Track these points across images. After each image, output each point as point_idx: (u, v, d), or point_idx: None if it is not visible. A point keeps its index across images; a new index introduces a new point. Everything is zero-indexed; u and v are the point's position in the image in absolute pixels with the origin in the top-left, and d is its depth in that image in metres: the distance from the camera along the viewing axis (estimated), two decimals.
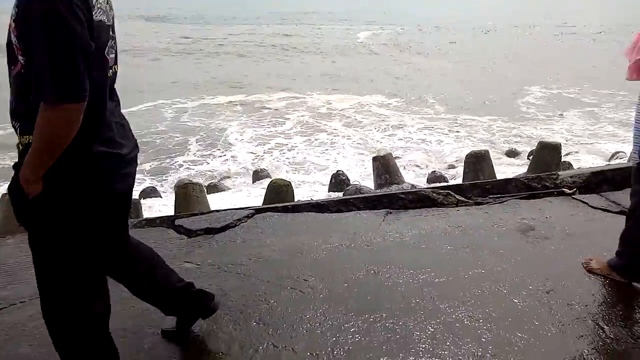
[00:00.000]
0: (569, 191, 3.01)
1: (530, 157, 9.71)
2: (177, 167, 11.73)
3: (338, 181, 9.09)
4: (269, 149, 12.83)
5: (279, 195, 8.08)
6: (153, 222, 2.78)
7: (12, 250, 2.47)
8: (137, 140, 1.45)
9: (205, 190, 9.22)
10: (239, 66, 21.69)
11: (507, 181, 3.16)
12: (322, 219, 2.72)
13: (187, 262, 2.30)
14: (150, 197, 7.97)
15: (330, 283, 2.08)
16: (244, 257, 2.33)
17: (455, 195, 2.99)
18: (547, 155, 9.63)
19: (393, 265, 2.21)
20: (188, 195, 8.46)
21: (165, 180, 10.54)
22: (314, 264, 2.24)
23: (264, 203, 8.05)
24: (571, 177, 3.17)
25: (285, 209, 2.88)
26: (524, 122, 14.33)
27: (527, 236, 2.45)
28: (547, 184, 3.10)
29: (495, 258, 2.24)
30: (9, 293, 2.09)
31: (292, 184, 7.00)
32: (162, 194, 8.46)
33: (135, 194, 8.13)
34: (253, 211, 2.82)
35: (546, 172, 9.96)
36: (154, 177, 10.10)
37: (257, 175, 10.29)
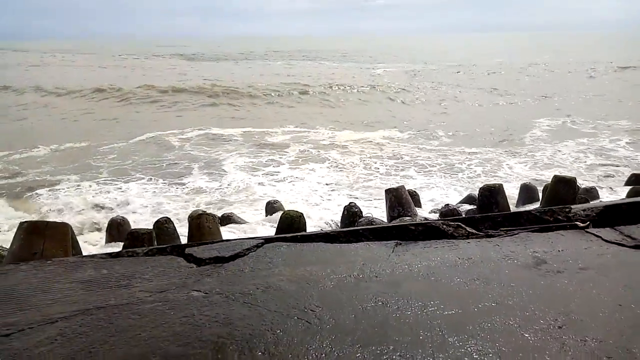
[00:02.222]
0: (582, 225, 2.97)
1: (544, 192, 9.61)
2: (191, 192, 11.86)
3: (350, 213, 9.09)
4: (276, 180, 12.97)
5: (292, 225, 8.11)
6: (164, 251, 2.80)
7: (24, 277, 2.50)
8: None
9: (219, 221, 9.28)
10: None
11: (518, 214, 3.13)
12: (331, 249, 2.72)
13: (195, 290, 2.31)
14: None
15: (337, 314, 2.06)
16: (252, 286, 2.33)
17: (466, 228, 2.97)
18: (562, 190, 9.52)
19: (401, 296, 2.19)
20: (201, 226, 8.52)
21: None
22: (322, 295, 2.23)
23: (276, 233, 8.07)
24: (584, 210, 3.13)
25: (295, 239, 2.88)
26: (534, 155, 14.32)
27: (538, 269, 2.41)
28: (560, 217, 3.07)
29: (506, 291, 2.20)
30: (18, 319, 2.10)
31: (304, 215, 7.02)
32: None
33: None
34: (262, 241, 2.83)
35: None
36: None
37: (270, 206, 10.34)
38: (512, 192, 9.71)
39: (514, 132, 17.53)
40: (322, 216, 10.46)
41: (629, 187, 9.26)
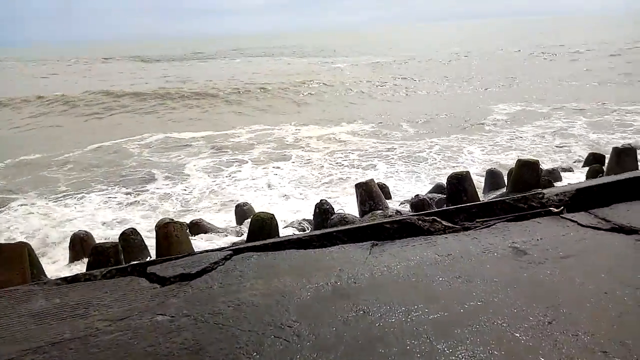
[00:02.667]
0: (556, 210, 2.93)
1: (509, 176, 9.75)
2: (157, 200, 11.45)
3: (322, 210, 8.96)
4: (241, 181, 12.70)
5: (263, 228, 7.90)
6: (124, 271, 2.58)
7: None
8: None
9: (187, 229, 8.96)
10: None
11: (492, 204, 3.07)
12: (305, 256, 2.57)
13: (160, 314, 2.11)
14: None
15: (317, 328, 1.92)
16: (223, 304, 2.15)
17: (442, 222, 2.89)
18: (526, 173, 9.68)
19: (383, 303, 2.06)
20: (169, 235, 8.19)
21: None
22: (299, 308, 2.08)
23: (248, 237, 7.85)
24: (557, 195, 3.10)
25: (266, 247, 2.72)
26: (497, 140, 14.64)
27: (520, 261, 2.34)
28: (534, 203, 3.02)
29: (490, 288, 2.11)
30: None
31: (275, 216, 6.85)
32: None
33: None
34: (231, 252, 2.65)
35: (526, 191, 9.99)
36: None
37: (240, 210, 10.07)
38: (477, 179, 9.81)
39: (474, 118, 17.86)
40: (293, 216, 10.30)
41: (587, 167, 9.52)
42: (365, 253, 2.53)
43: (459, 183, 9.48)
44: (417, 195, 10.31)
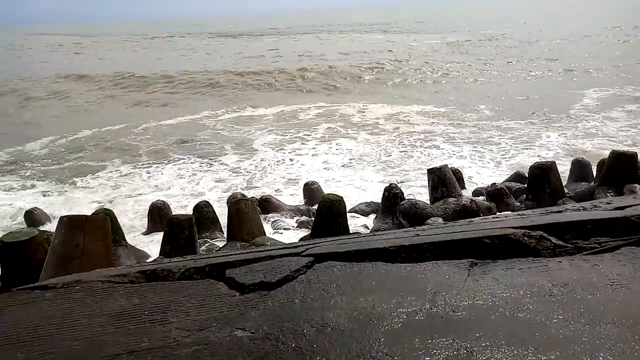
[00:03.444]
0: None
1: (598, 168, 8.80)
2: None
3: (391, 195, 8.65)
4: (308, 158, 12.75)
5: (331, 209, 7.76)
6: (202, 271, 2.49)
7: (47, 308, 2.23)
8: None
9: (257, 204, 9.03)
10: None
11: (613, 221, 2.63)
12: (393, 271, 2.32)
13: (239, 328, 1.97)
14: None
15: None
16: (305, 323, 1.97)
17: (551, 239, 2.51)
18: (620, 167, 8.71)
19: (487, 340, 1.78)
20: (240, 212, 8.30)
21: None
22: (390, 337, 1.85)
23: (316, 219, 7.76)
24: None
25: (349, 256, 2.50)
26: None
27: None
28: None
29: (625, 336, 1.75)
30: None
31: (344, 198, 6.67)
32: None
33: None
34: (312, 259, 2.46)
35: (620, 187, 8.93)
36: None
37: (308, 188, 10.01)
38: (562, 169, 9.02)
39: (559, 102, 16.52)
40: (357, 195, 10.09)
41: None
42: (464, 274, 2.24)
43: (543, 174, 8.74)
44: (494, 183, 9.66)
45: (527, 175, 8.89)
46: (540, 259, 2.33)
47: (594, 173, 9.05)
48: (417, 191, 9.56)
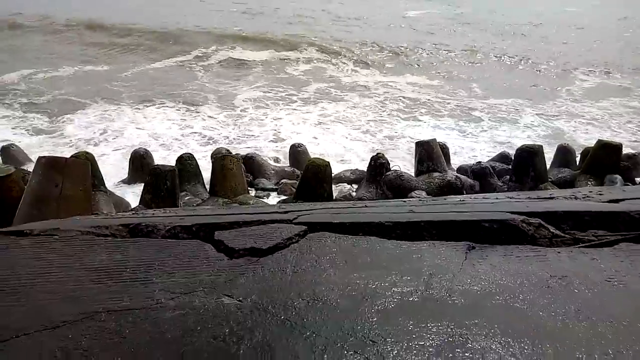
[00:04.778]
0: None
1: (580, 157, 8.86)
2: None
3: (377, 164, 8.59)
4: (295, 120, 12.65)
5: (317, 174, 7.68)
6: (189, 230, 2.37)
7: (24, 256, 2.10)
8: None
9: (242, 161, 8.88)
10: None
11: (611, 215, 2.59)
12: (389, 248, 2.24)
13: (227, 295, 1.89)
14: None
15: (405, 351, 1.63)
16: (296, 296, 1.89)
17: (549, 227, 2.47)
18: (605, 157, 8.79)
19: (483, 329, 1.73)
20: (225, 168, 8.15)
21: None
22: (383, 318, 1.78)
23: (300, 182, 7.68)
24: None
25: (343, 228, 2.41)
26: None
27: None
28: None
29: (623, 335, 1.72)
30: (14, 320, 1.72)
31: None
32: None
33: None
34: (305, 228, 2.37)
35: (603, 176, 9.03)
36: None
37: (294, 151, 9.87)
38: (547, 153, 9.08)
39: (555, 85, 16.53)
40: (347, 163, 10.04)
41: None
42: (461, 257, 2.18)
43: (529, 157, 8.78)
44: (480, 162, 9.69)
45: (512, 156, 8.92)
46: (538, 248, 2.28)
47: (577, 160, 9.14)
48: (398, 161, 9.58)
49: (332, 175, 7.66)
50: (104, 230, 2.41)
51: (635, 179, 8.51)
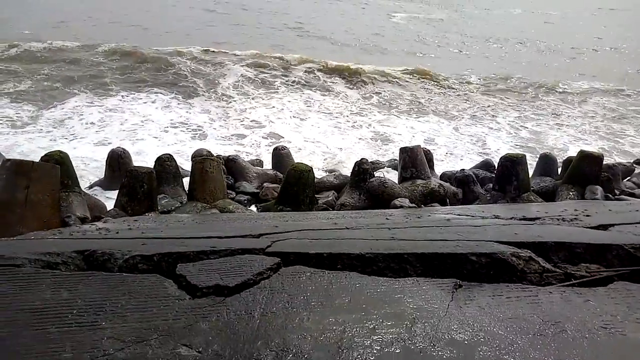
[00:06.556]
0: None
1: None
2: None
3: (361, 170, 8.42)
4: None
5: (300, 180, 7.46)
6: (150, 260, 2.14)
7: None
8: None
9: (223, 163, 8.61)
10: None
11: (604, 247, 2.45)
12: (369, 287, 2.05)
13: (185, 345, 1.67)
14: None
15: None
16: (264, 346, 1.68)
17: (539, 261, 2.31)
18: (586, 167, 8.78)
19: None
20: (204, 172, 7.87)
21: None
22: None
23: (282, 188, 7.47)
24: None
25: (320, 259, 2.21)
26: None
27: None
28: None
29: None
30: None
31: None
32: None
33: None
34: (278, 261, 2.16)
35: (583, 186, 9.05)
36: None
37: (277, 153, 9.66)
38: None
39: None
40: (329, 166, 9.87)
41: None
42: (447, 298, 1.99)
43: (512, 166, 8.71)
44: (463, 169, 9.60)
45: (495, 164, 8.86)
46: (529, 287, 2.11)
47: (559, 170, 9.14)
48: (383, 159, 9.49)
49: (315, 180, 7.47)
50: (55, 258, 2.17)
51: (615, 190, 8.54)
